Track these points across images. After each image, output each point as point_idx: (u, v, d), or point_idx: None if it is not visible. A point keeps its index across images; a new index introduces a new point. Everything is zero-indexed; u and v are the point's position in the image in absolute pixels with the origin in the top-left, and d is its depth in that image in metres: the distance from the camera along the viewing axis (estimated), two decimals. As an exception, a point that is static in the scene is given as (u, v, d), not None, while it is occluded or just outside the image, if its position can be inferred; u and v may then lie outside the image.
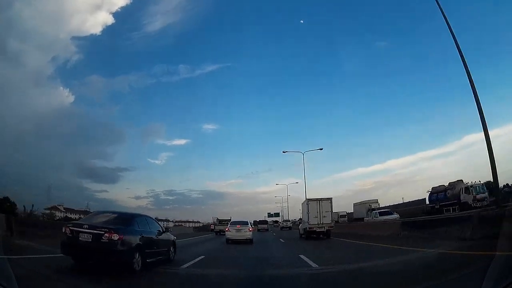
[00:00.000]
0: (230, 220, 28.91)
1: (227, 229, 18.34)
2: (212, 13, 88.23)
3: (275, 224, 66.85)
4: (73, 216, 68.02)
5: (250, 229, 17.73)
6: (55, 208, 62.68)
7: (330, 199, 20.95)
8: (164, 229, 9.23)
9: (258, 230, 45.09)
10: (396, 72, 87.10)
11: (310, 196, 25.52)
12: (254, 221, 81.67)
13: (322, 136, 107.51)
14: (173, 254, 9.27)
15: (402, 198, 45.30)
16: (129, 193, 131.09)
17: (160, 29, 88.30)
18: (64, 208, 71.51)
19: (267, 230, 45.46)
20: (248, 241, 16.83)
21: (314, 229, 19.93)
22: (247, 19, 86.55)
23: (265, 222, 53.51)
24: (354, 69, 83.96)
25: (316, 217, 20.09)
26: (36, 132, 78.26)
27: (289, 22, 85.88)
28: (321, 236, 19.99)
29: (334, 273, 7.16)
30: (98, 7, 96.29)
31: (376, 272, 7.08)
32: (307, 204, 20.85)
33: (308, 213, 20.43)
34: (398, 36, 79.27)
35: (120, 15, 78.27)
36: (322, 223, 19.91)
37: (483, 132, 11.13)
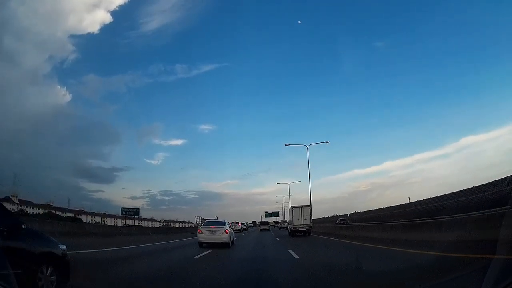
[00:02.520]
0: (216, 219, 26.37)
1: (199, 230, 15.96)
2: (210, 13, 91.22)
3: (275, 225, 69.65)
4: (30, 210, 60.88)
5: (227, 230, 15.19)
6: (6, 200, 55.62)
7: (309, 206, 27.74)
8: (21, 226, 4.25)
9: (260, 230, 50.98)
10: (394, 72, 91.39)
11: (304, 198, 31.82)
12: (253, 221, 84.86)
13: (321, 137, 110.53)
14: (51, 281, 4.43)
15: (409, 198, 45.92)
16: (125, 193, 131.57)
17: (158, 29, 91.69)
18: (18, 200, 63.85)
19: (268, 230, 50.36)
20: (224, 245, 14.75)
21: (297, 228, 26.49)
22: (245, 19, 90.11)
23: (266, 223, 59.78)
24: (352, 69, 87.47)
25: (298, 219, 26.68)
26: (32, 131, 77.66)
27: (287, 23, 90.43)
28: (302, 234, 26.23)
29: None
30: (96, 6, 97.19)
31: None
32: (292, 210, 27.61)
33: (292, 216, 27.18)
34: (396, 36, 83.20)
35: (118, 13, 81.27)
36: (303, 224, 26.46)
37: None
